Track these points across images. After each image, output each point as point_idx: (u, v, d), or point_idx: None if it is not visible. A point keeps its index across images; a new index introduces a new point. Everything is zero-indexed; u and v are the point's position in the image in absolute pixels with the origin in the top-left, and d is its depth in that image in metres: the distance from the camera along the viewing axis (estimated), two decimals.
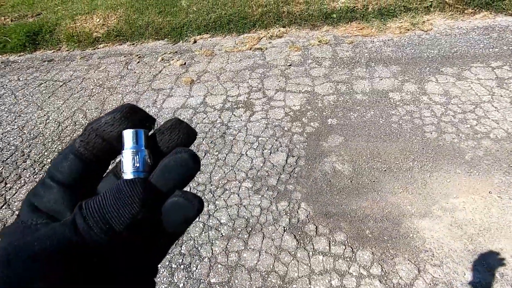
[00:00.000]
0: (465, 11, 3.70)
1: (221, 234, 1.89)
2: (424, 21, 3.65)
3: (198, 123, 2.73)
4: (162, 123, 0.25)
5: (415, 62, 3.06)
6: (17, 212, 2.19)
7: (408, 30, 3.57)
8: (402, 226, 1.80)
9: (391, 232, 1.78)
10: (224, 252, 1.80)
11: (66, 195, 0.23)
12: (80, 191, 0.24)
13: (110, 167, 0.27)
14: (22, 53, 4.42)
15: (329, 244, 1.76)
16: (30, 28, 4.51)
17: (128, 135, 0.24)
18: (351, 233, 1.80)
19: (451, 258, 1.62)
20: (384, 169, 2.12)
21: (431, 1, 3.85)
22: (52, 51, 4.39)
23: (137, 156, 0.23)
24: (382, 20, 3.79)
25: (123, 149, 0.24)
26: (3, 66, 4.20)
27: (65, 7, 5.01)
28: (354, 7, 3.93)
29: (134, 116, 0.25)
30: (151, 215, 0.22)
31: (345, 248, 1.73)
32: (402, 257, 1.66)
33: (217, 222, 1.95)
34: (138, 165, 0.23)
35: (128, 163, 0.23)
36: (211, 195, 2.12)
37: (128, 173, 0.23)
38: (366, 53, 3.29)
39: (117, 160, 0.25)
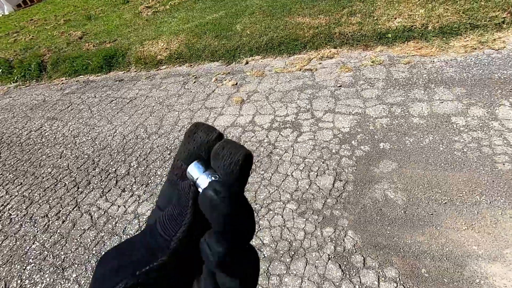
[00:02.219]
0: None
1: (263, 255, 1.88)
2: (494, 39, 3.32)
3: (246, 142, 2.81)
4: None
5: (484, 83, 2.78)
6: (84, 214, 2.47)
7: (475, 49, 3.28)
8: (467, 269, 1.59)
9: (453, 274, 1.58)
10: (265, 274, 1.78)
11: None
12: None
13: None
14: (99, 74, 5.10)
15: (378, 279, 1.63)
16: (107, 53, 5.21)
17: (191, 169, 0.26)
18: (404, 270, 1.64)
19: None
20: (444, 202, 1.92)
21: (503, 17, 3.50)
22: (123, 72, 4.98)
23: (210, 175, 0.25)
24: (444, 39, 3.55)
25: (196, 180, 0.25)
26: (84, 85, 4.88)
27: (136, 34, 5.69)
28: (412, 26, 3.76)
29: (197, 132, 0.27)
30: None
31: (397, 286, 1.58)
32: None
33: (260, 242, 1.96)
34: (214, 177, 0.25)
35: (205, 182, 0.25)
36: (255, 214, 2.14)
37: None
38: (425, 74, 3.09)
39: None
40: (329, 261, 1.76)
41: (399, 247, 1.76)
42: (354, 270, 1.69)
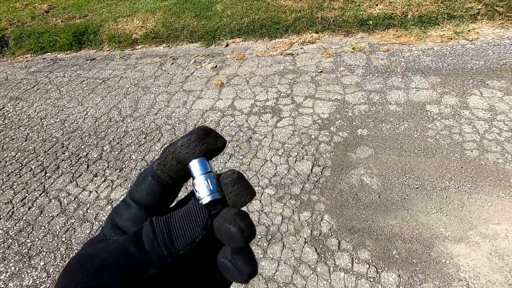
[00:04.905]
0: None
1: None
2: (469, 30, 3.42)
3: (225, 126, 2.76)
4: (224, 172, 0.27)
5: (457, 73, 2.86)
6: (53, 200, 2.34)
7: (451, 39, 3.36)
8: (434, 249, 1.67)
9: (421, 255, 1.66)
10: None
11: (143, 213, 0.26)
12: (156, 210, 0.26)
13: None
14: (68, 52, 4.76)
15: (352, 261, 1.68)
16: (77, 29, 4.85)
17: (194, 164, 0.26)
18: (376, 252, 1.70)
19: None
20: (416, 187, 1.99)
21: (478, 9, 3.59)
22: (95, 50, 4.68)
23: (208, 180, 0.25)
24: (422, 28, 3.60)
25: (194, 179, 0.26)
26: (52, 63, 4.55)
27: (109, 10, 5.33)
28: (392, 13, 3.78)
29: (207, 137, 0.27)
30: (211, 238, 0.24)
31: (369, 267, 1.64)
32: (432, 284, 1.54)
33: None
34: (211, 188, 0.25)
35: (202, 189, 0.25)
36: None
37: (205, 198, 0.25)
38: (403, 62, 3.14)
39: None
40: (306, 244, 1.79)
41: (373, 230, 1.81)
42: (329, 253, 1.73)
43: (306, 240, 1.81)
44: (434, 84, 2.78)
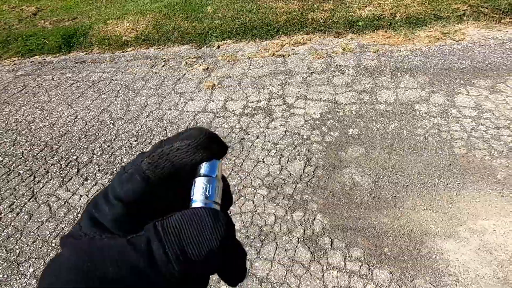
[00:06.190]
0: (502, 21, 3.50)
1: None
2: (456, 31, 3.50)
3: (217, 128, 2.75)
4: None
5: (445, 73, 2.92)
6: (42, 205, 2.30)
7: (438, 39, 3.43)
8: (424, 246, 1.69)
9: (412, 251, 1.68)
10: None
11: (127, 212, 0.24)
12: (141, 208, 0.24)
13: None
14: (57, 55, 4.69)
15: (345, 259, 1.69)
16: (66, 31, 4.79)
17: (203, 164, 0.24)
18: (368, 250, 1.72)
19: (478, 285, 1.50)
20: (406, 184, 2.02)
21: (464, 10, 3.68)
22: (85, 53, 4.62)
23: (209, 185, 0.23)
24: (411, 28, 3.66)
25: (196, 176, 0.24)
26: (40, 66, 4.47)
27: (98, 12, 5.28)
28: (381, 15, 3.84)
29: (210, 146, 0.24)
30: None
31: (362, 265, 1.66)
32: (423, 279, 1.56)
33: None
34: (208, 194, 0.23)
35: (199, 190, 0.23)
36: None
37: (198, 201, 0.23)
38: (392, 62, 3.19)
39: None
40: (299, 244, 1.80)
41: (365, 228, 1.83)
42: (322, 252, 1.74)
43: (299, 240, 1.81)
44: (422, 84, 2.83)
